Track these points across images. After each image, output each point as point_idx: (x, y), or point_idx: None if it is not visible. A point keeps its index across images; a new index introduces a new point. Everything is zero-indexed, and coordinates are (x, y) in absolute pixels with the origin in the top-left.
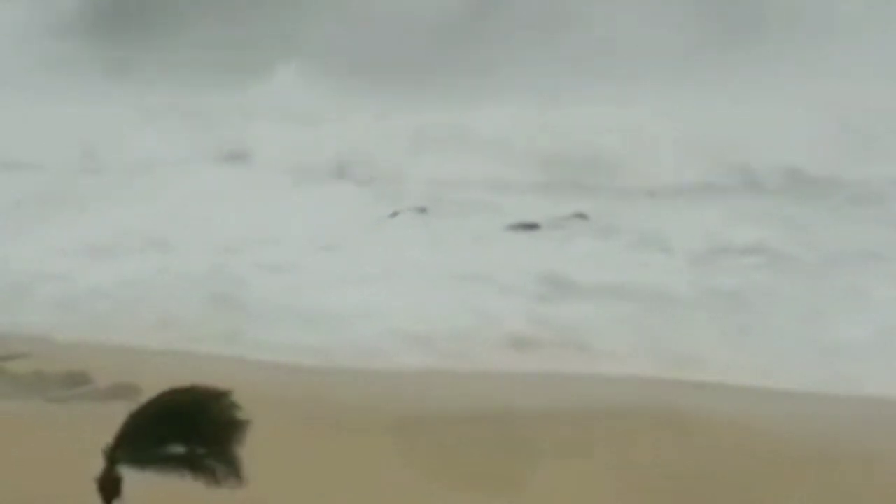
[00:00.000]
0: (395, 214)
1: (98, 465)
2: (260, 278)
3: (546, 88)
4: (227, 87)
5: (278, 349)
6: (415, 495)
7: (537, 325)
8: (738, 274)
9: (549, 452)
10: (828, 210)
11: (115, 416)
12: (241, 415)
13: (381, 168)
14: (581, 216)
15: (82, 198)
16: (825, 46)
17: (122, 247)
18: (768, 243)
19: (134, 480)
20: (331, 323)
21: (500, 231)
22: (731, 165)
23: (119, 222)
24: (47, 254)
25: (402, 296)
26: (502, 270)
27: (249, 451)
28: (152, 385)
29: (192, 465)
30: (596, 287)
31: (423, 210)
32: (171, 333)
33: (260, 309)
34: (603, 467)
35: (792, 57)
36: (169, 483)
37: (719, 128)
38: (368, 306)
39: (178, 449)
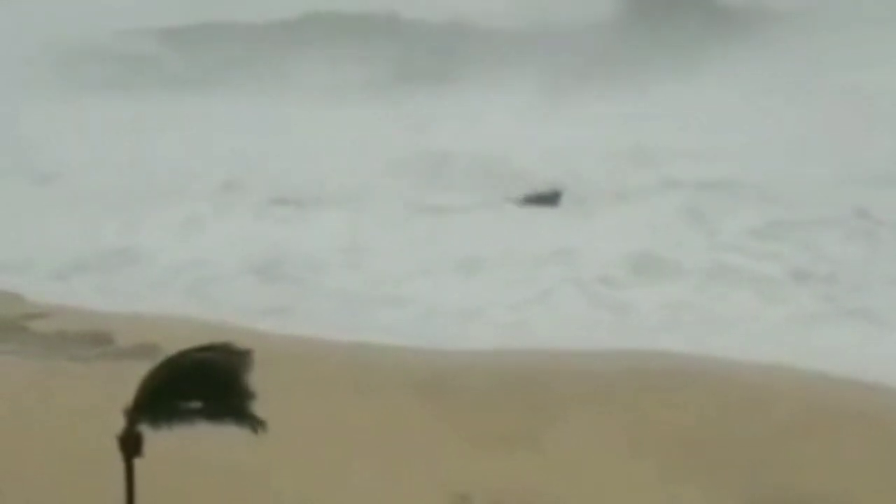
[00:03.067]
0: None
1: (119, 421)
2: None
3: None
4: None
5: None
6: (440, 448)
7: None
8: None
9: (566, 412)
10: None
11: (137, 375)
12: (253, 371)
13: None
14: None
15: None
16: None
17: None
18: None
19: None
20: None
21: None
22: None
23: None
24: None
25: None
26: None
27: (287, 410)
28: (173, 346)
29: (209, 417)
30: None
31: None
32: None
33: None
34: (611, 426)
35: None
36: (211, 439)
37: None
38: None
39: (196, 404)
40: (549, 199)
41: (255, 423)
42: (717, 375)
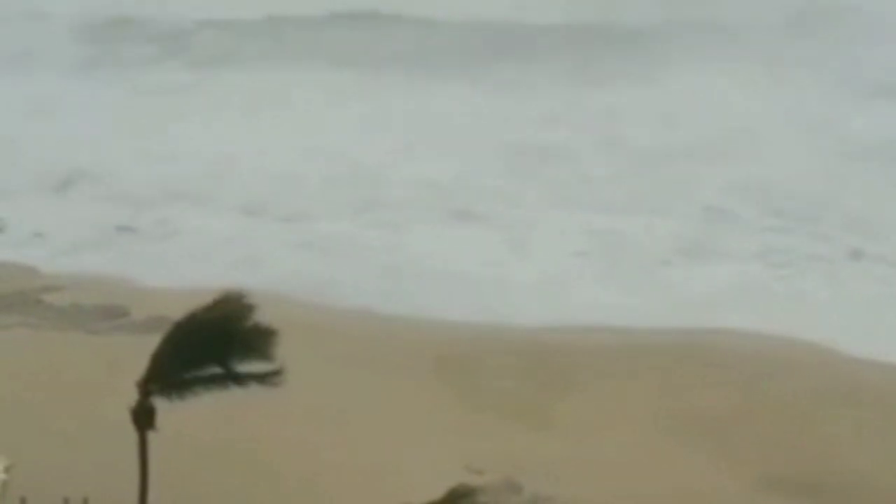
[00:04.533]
0: None
1: (133, 393)
2: None
3: None
4: None
5: None
6: (456, 423)
7: None
8: None
9: (583, 387)
10: None
11: (151, 348)
12: (265, 323)
13: None
14: None
15: None
16: None
17: None
18: None
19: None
20: None
21: None
22: None
23: None
24: None
25: None
26: None
27: (304, 383)
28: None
29: (225, 381)
30: None
31: None
32: None
33: None
34: (629, 401)
35: None
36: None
37: None
38: None
39: (210, 370)
40: None
41: (271, 378)
42: (744, 353)
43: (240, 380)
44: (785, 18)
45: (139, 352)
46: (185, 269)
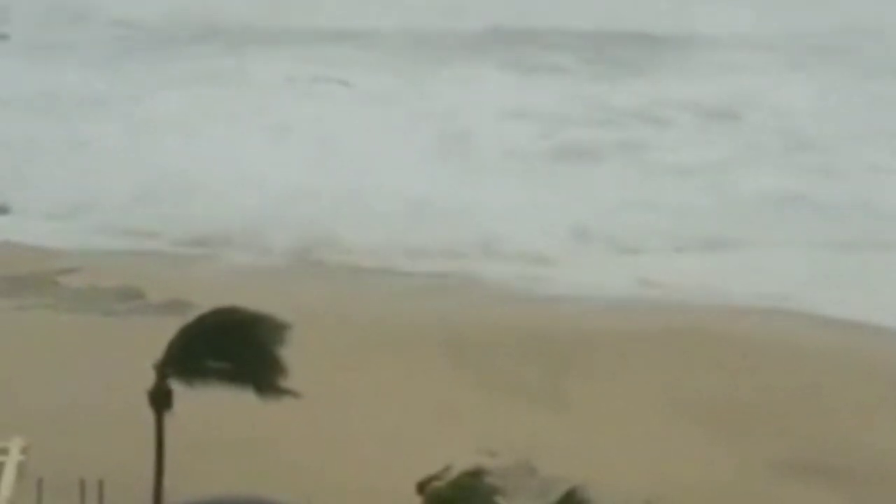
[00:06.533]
0: None
1: (150, 375)
2: None
3: None
4: None
5: None
6: (469, 405)
7: None
8: None
9: (598, 369)
10: None
11: (167, 330)
12: (284, 335)
13: None
14: None
15: None
16: None
17: None
18: None
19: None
20: None
21: None
22: None
23: None
24: None
25: None
26: None
27: (317, 364)
28: (203, 302)
29: (237, 377)
30: None
31: None
32: None
33: None
34: (644, 385)
35: None
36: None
37: None
38: None
39: (225, 365)
40: None
41: (283, 394)
42: (757, 335)
43: (256, 386)
44: None
45: (155, 334)
46: None
